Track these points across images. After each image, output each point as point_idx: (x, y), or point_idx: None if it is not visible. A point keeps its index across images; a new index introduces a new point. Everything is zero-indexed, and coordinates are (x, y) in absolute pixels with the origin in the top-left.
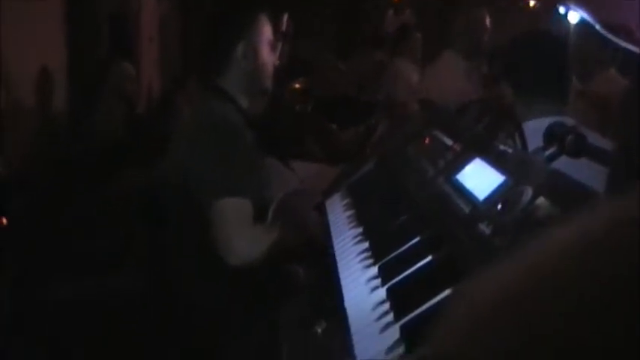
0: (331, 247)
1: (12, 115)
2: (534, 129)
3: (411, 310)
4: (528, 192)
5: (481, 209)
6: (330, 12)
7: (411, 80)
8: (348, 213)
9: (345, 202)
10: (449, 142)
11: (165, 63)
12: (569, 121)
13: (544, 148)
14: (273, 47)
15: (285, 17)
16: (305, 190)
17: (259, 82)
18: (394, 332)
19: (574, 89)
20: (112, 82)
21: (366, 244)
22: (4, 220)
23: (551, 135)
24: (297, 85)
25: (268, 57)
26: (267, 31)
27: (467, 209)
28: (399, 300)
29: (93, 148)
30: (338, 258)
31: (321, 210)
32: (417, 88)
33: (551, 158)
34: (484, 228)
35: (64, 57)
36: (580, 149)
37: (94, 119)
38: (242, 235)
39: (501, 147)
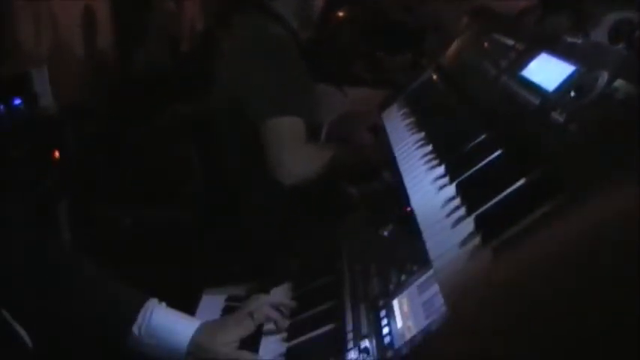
0: (392, 154)
1: (60, 52)
2: (599, 28)
3: (484, 203)
4: (604, 76)
5: (552, 98)
6: None
7: (444, 12)
8: (407, 121)
9: (403, 111)
10: (510, 42)
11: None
12: (636, 17)
13: None
14: None
15: None
16: (358, 111)
17: (310, 5)
18: (467, 225)
19: None
20: (156, 21)
21: (429, 147)
22: (57, 154)
23: (617, 31)
24: (341, 13)
25: None
26: None
27: (536, 101)
28: (470, 194)
29: (139, 84)
30: (400, 163)
31: (376, 131)
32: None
33: None
34: (557, 116)
35: None
36: None
37: (140, 57)
38: (294, 153)
39: (569, 39)
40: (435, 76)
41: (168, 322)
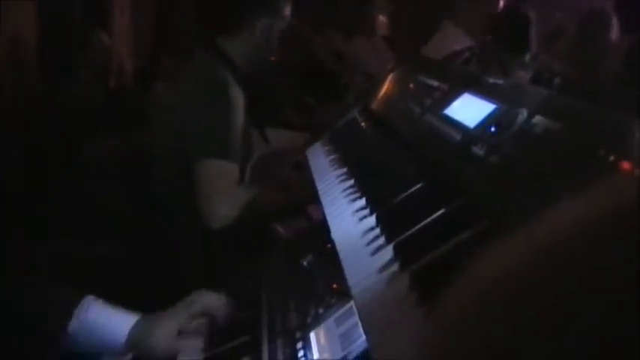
0: (315, 189)
1: None
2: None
3: (404, 232)
4: (524, 113)
5: (473, 134)
6: None
7: (370, 57)
8: (331, 157)
9: (327, 148)
10: (435, 83)
11: (137, 36)
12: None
13: None
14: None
15: None
16: (281, 149)
17: (266, 53)
18: (386, 253)
19: None
20: (88, 51)
21: (351, 182)
22: None
23: (538, 77)
24: (272, 58)
25: (278, 32)
26: (288, 10)
27: (458, 137)
28: (391, 224)
29: (67, 115)
30: (322, 197)
31: (300, 168)
32: (377, 64)
33: None
34: (477, 150)
35: (36, 24)
36: (567, 89)
37: (69, 87)
38: (224, 198)
39: (491, 80)
40: (359, 115)
41: (104, 318)
